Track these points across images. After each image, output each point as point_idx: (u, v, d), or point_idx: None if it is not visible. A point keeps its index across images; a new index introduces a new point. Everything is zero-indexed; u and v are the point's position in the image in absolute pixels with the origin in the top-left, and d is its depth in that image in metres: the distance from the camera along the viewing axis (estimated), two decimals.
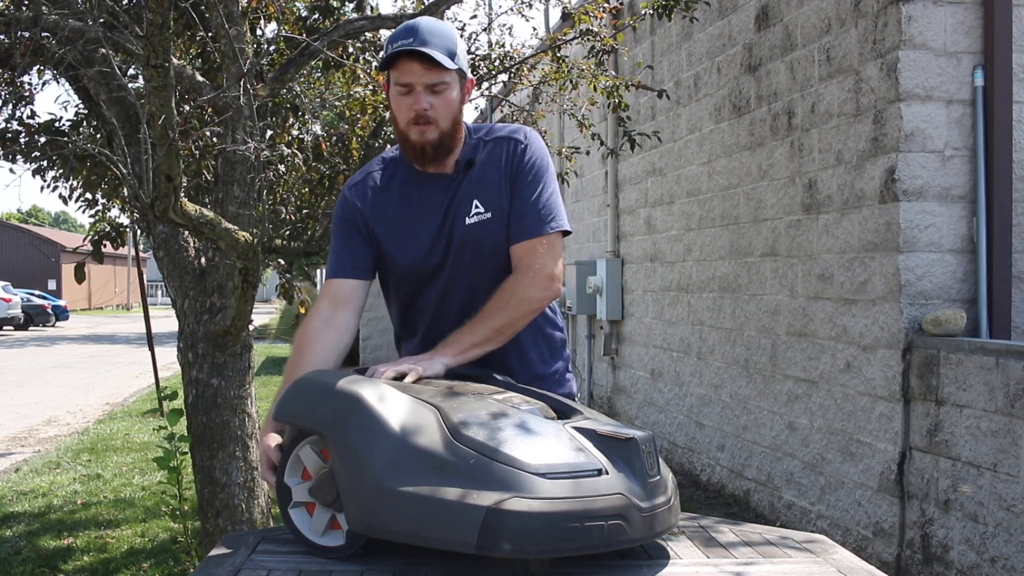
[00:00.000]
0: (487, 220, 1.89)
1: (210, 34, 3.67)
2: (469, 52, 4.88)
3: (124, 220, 4.93)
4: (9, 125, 4.13)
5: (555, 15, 10.43)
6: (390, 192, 1.95)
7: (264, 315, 31.21)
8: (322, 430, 1.55)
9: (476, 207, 1.89)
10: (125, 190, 4.12)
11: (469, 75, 1.90)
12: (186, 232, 3.59)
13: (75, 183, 4.53)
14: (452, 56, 1.81)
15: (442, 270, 1.94)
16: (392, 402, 1.53)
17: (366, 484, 1.46)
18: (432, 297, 1.95)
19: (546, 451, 1.45)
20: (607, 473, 1.45)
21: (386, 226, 1.94)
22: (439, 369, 1.76)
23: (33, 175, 4.39)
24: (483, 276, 1.92)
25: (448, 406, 1.53)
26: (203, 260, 3.66)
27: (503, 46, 5.04)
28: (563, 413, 1.66)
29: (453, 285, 1.94)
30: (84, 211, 4.79)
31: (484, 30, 5.04)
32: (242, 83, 3.20)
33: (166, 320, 24.40)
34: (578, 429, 1.53)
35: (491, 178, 1.91)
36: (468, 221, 1.89)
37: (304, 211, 4.79)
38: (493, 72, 4.76)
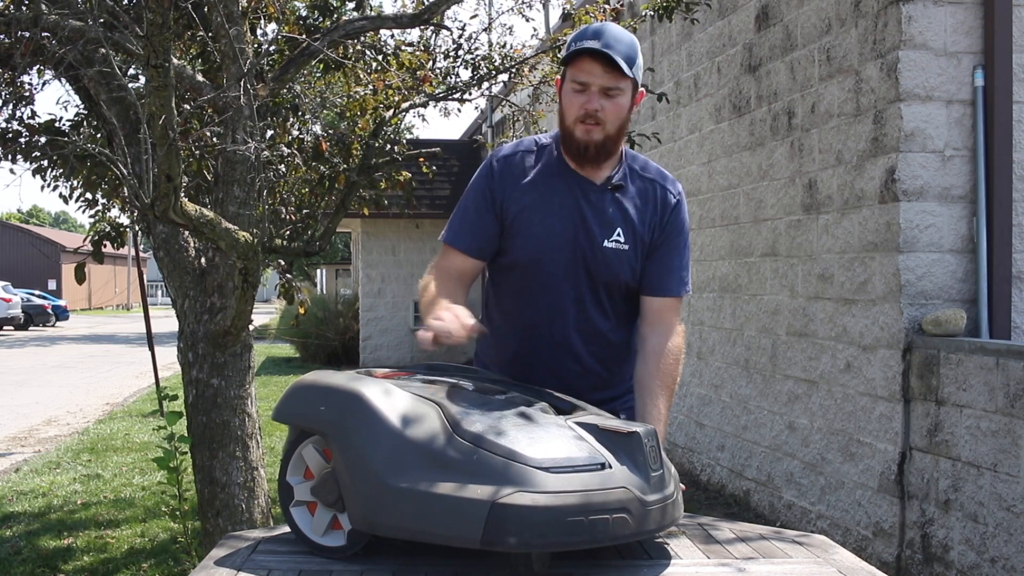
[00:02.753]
0: (624, 251, 1.93)
1: (210, 34, 3.67)
2: (469, 52, 4.88)
3: (124, 220, 4.92)
4: (9, 125, 4.13)
5: (555, 15, 10.43)
6: (533, 179, 1.95)
7: (264, 315, 31.19)
8: (324, 430, 1.55)
9: (618, 235, 1.93)
10: (125, 190, 4.11)
11: (641, 87, 1.92)
12: (186, 232, 3.59)
13: (75, 183, 4.53)
14: (632, 64, 1.83)
15: (558, 272, 1.95)
16: (392, 399, 1.53)
17: (368, 481, 1.46)
18: (540, 295, 1.97)
19: (548, 445, 1.45)
20: (610, 467, 1.46)
21: (518, 212, 1.95)
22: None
23: (33, 175, 4.38)
24: (595, 293, 1.98)
25: (449, 402, 1.53)
26: (203, 260, 3.66)
27: (504, 46, 5.03)
28: (564, 411, 1.66)
29: (565, 291, 1.96)
30: (84, 211, 4.78)
31: (484, 30, 5.04)
32: (242, 83, 3.20)
33: (166, 320, 24.41)
34: (580, 424, 1.53)
35: (638, 216, 1.95)
36: (607, 244, 1.93)
37: (304, 211, 4.79)
38: (493, 72, 4.76)
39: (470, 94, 4.79)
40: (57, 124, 4.26)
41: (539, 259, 1.95)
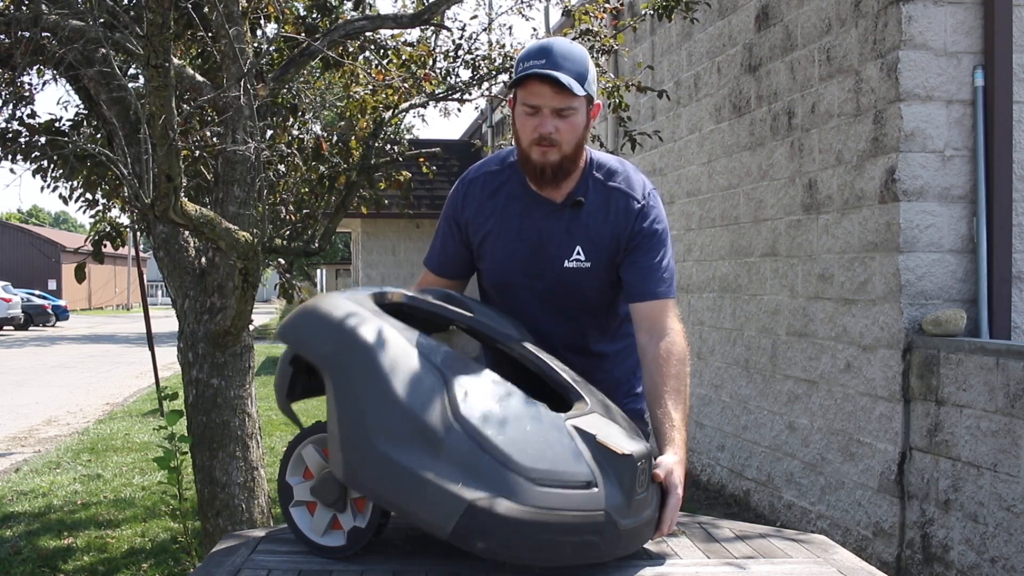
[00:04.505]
0: (586, 269, 1.92)
1: (210, 34, 3.67)
2: (469, 52, 4.88)
3: (124, 220, 4.93)
4: (9, 125, 4.13)
5: (555, 15, 10.43)
6: (496, 200, 1.96)
7: (264, 315, 31.21)
8: (320, 364, 1.51)
9: (578, 253, 1.91)
10: (125, 190, 4.12)
11: (597, 100, 1.89)
12: (186, 232, 3.59)
13: (75, 183, 4.53)
14: (583, 81, 1.79)
15: (527, 296, 1.97)
16: (397, 355, 1.48)
17: (355, 435, 1.43)
18: (520, 314, 1.97)
19: (541, 452, 1.42)
20: (595, 487, 1.43)
21: (484, 237, 1.97)
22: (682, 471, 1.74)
23: (33, 175, 4.38)
24: (570, 312, 1.98)
25: (455, 378, 1.48)
26: (203, 260, 3.66)
27: (503, 46, 5.03)
28: (567, 402, 1.62)
29: (542, 312, 1.98)
30: (84, 211, 4.78)
31: (484, 30, 5.04)
32: (242, 83, 3.20)
33: (166, 320, 24.42)
34: (579, 431, 1.50)
35: (599, 229, 1.92)
36: (567, 264, 1.92)
37: (304, 211, 4.79)
38: (493, 72, 4.76)
39: (470, 94, 4.79)
40: (57, 124, 4.26)
41: (509, 283, 1.97)
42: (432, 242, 2.06)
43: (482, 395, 1.47)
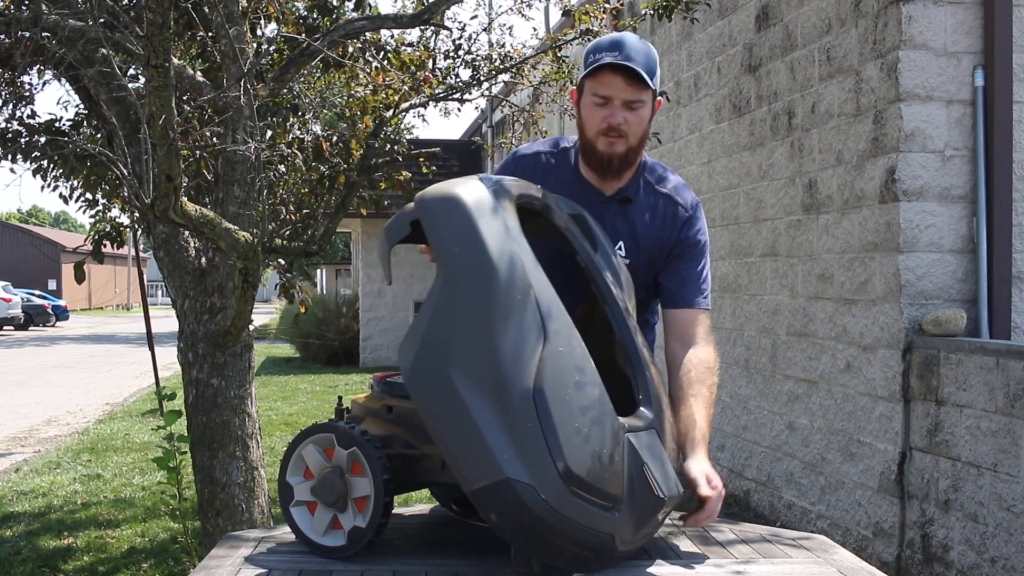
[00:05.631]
0: (624, 265, 1.91)
1: (210, 34, 3.67)
2: (469, 52, 4.88)
3: (124, 220, 4.92)
4: (9, 125, 4.13)
5: (555, 15, 10.43)
6: (545, 182, 1.95)
7: (264, 315, 31.19)
8: (438, 253, 1.47)
9: (619, 248, 1.92)
10: (125, 190, 4.11)
11: (659, 96, 1.92)
12: (186, 232, 3.59)
13: (75, 183, 4.53)
14: (652, 75, 1.83)
15: (562, 283, 1.95)
16: (513, 299, 1.43)
17: (434, 352, 1.41)
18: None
19: (589, 462, 1.40)
20: (616, 511, 1.44)
21: None
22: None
23: (33, 175, 4.38)
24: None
25: (554, 348, 1.42)
26: (203, 260, 3.66)
27: (503, 46, 5.03)
28: (633, 406, 1.59)
29: (570, 299, 1.97)
30: (84, 211, 4.78)
31: (484, 30, 5.04)
32: (242, 83, 3.20)
33: (166, 320, 24.40)
34: (632, 449, 1.48)
35: (643, 230, 1.93)
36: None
37: (304, 211, 4.78)
38: (493, 72, 4.76)
39: (470, 94, 4.79)
40: (57, 124, 4.26)
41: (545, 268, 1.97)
42: None
43: (568, 377, 1.43)
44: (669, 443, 1.63)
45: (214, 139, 3.79)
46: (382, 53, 4.70)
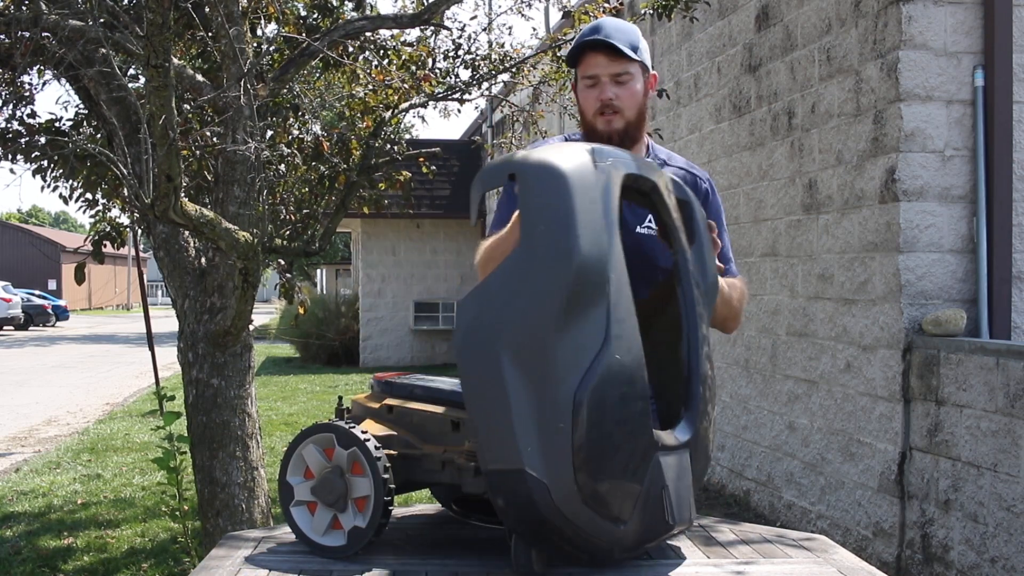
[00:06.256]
0: (655, 236, 1.91)
1: (210, 34, 3.67)
2: (468, 52, 4.88)
3: (124, 220, 4.92)
4: (9, 125, 4.13)
5: (555, 15, 10.43)
6: None
7: (264, 315, 31.18)
8: (524, 217, 1.38)
9: (649, 221, 1.93)
10: (125, 190, 4.11)
11: (652, 70, 1.97)
12: (186, 232, 3.59)
13: (75, 183, 4.53)
14: (635, 50, 1.88)
15: None
16: (590, 296, 1.35)
17: (488, 316, 1.35)
18: None
19: (610, 477, 1.38)
20: (622, 526, 1.43)
21: None
22: None
23: (33, 175, 4.38)
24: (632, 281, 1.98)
25: (611, 356, 1.36)
26: (203, 260, 3.66)
27: (503, 46, 5.03)
28: (676, 416, 1.55)
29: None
30: (84, 211, 4.78)
31: (484, 30, 5.04)
32: (242, 83, 3.20)
33: (166, 320, 24.40)
34: (659, 469, 1.45)
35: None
36: (639, 230, 1.93)
37: (304, 211, 4.79)
38: (493, 72, 4.76)
39: (470, 94, 4.79)
40: (57, 124, 4.26)
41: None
42: (496, 216, 2.02)
43: (616, 388, 1.37)
44: (702, 460, 1.60)
45: (214, 139, 3.79)
46: (382, 51, 4.70)
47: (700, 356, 1.60)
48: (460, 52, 4.88)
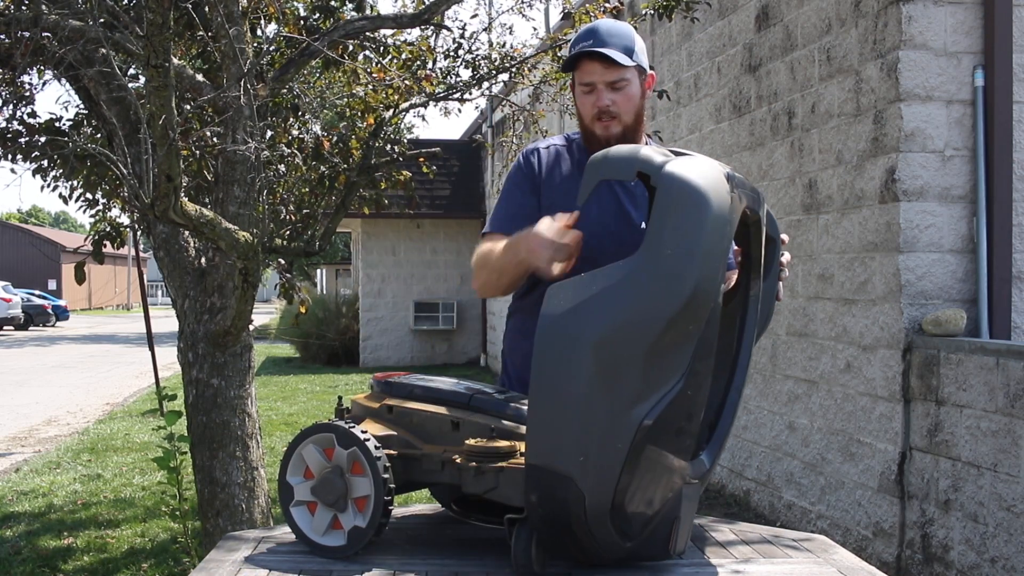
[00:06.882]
0: None
1: (210, 34, 3.66)
2: (469, 52, 4.88)
3: (124, 220, 4.92)
4: (9, 125, 4.13)
5: (555, 15, 10.43)
6: (566, 172, 1.98)
7: (264, 315, 31.17)
8: (650, 238, 1.37)
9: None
10: (125, 190, 4.12)
11: (648, 71, 1.97)
12: (186, 232, 3.59)
13: (75, 183, 4.53)
14: (630, 54, 1.89)
15: (596, 258, 1.95)
16: (683, 332, 1.34)
17: (579, 331, 1.33)
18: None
19: (644, 502, 1.40)
20: (627, 543, 1.45)
21: (554, 192, 1.97)
22: None
23: (33, 175, 4.38)
24: None
25: (685, 388, 1.35)
26: (203, 260, 3.66)
27: (504, 46, 5.03)
28: (699, 447, 1.55)
29: None
30: (84, 211, 4.78)
31: (484, 30, 5.04)
32: (242, 83, 3.20)
33: (166, 320, 24.41)
34: (679, 501, 1.46)
35: None
36: (645, 225, 1.91)
37: (304, 211, 4.79)
38: (493, 72, 4.76)
39: (470, 94, 4.79)
40: (57, 124, 4.26)
41: (592, 244, 1.96)
42: (495, 212, 2.04)
43: (677, 421, 1.38)
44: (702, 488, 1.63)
45: (214, 139, 3.79)
46: (382, 51, 4.70)
47: (740, 394, 1.62)
48: (460, 52, 4.88)
